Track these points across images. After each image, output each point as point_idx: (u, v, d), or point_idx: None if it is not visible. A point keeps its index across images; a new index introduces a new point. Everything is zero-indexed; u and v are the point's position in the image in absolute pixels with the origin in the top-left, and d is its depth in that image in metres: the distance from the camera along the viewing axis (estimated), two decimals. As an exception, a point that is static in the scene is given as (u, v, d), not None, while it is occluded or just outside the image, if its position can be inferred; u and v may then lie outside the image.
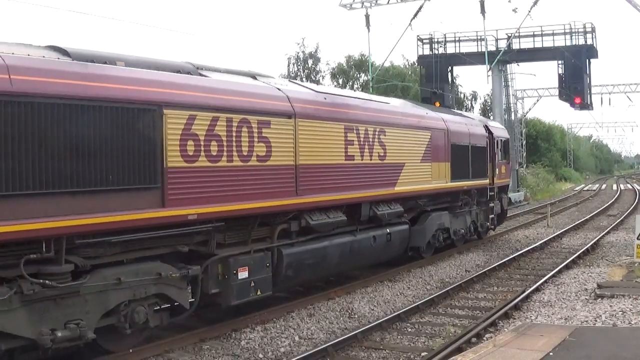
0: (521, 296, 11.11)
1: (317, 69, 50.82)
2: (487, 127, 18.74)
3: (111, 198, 7.14)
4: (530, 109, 53.07)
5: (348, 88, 47.98)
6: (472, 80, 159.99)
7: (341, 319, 10.20)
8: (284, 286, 10.44)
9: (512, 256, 15.98)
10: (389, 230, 12.92)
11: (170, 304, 8.34)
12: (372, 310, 10.83)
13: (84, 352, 7.65)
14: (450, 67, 36.09)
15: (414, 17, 30.11)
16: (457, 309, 11.06)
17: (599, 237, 19.49)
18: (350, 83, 52.43)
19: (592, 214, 28.00)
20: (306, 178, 10.10)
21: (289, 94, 10.17)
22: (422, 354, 8.23)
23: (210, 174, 8.40)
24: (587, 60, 32.36)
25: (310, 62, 50.26)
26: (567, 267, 14.43)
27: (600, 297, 10.50)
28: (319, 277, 11.69)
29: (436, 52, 35.42)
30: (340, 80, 52.61)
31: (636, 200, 35.69)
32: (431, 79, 33.82)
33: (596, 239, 18.97)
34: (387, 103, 13.94)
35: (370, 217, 12.31)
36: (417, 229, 14.48)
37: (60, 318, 6.89)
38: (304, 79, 46.54)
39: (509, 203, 22.72)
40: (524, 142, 47.91)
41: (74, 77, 6.92)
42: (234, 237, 9.28)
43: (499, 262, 15.06)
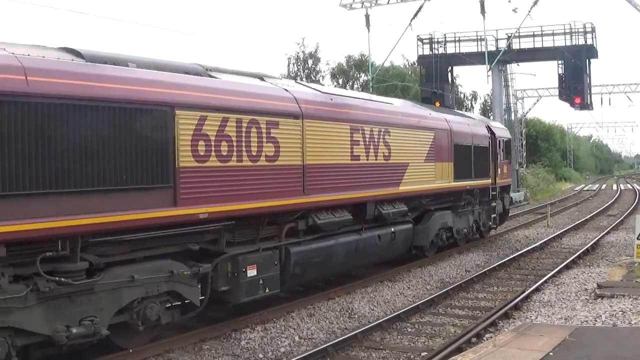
0: (521, 296, 11.13)
1: (317, 69, 50.94)
2: (489, 128, 18.87)
3: (125, 197, 7.25)
4: (530, 109, 53.22)
5: (348, 88, 48.02)
6: (472, 80, 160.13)
7: (341, 319, 10.22)
8: (291, 284, 10.56)
9: (512, 256, 16.02)
10: (393, 230, 13.04)
11: (180, 302, 8.44)
12: (372, 310, 10.86)
13: (84, 352, 7.72)
14: (450, 67, 36.06)
15: (414, 17, 30.13)
16: (457, 309, 11.09)
17: (599, 237, 19.52)
18: (350, 83, 52.41)
19: (592, 214, 28.04)
20: (313, 178, 10.23)
21: (296, 95, 10.30)
22: (422, 354, 8.25)
23: (221, 173, 8.53)
24: (587, 60, 32.36)
25: (310, 62, 50.33)
26: (567, 267, 14.47)
27: (600, 297, 10.53)
28: (325, 275, 11.82)
29: (436, 52, 35.39)
30: (340, 80, 52.60)
31: (636, 200, 35.72)
32: (431, 79, 33.80)
33: (596, 239, 19.01)
34: (390, 104, 14.08)
35: (375, 216, 12.44)
36: (420, 228, 14.61)
37: (75, 315, 7.00)
38: (304, 79, 46.53)
39: (510, 203, 22.81)
40: (524, 142, 47.95)
41: (88, 79, 7.02)
42: (243, 236, 9.41)
43: (499, 262, 15.09)
